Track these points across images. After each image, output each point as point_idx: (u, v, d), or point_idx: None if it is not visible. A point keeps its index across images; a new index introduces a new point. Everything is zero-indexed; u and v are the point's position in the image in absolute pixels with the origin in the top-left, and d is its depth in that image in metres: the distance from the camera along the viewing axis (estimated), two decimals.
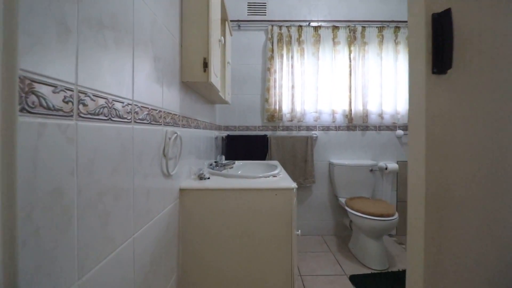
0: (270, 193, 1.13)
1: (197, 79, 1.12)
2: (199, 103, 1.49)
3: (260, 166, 1.74)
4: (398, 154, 2.56)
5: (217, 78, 1.29)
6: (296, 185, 1.16)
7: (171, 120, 0.99)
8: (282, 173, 1.42)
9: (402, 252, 2.20)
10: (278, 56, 2.43)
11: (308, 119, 2.50)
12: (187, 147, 1.21)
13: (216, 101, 1.82)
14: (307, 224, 2.53)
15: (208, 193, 1.12)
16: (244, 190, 1.12)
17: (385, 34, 2.50)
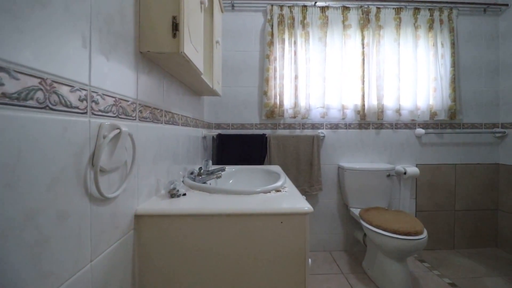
0: (273, 220, 0.76)
1: (163, 48, 0.74)
2: (176, 91, 1.11)
3: (257, 173, 1.37)
4: (417, 156, 2.20)
5: (198, 53, 0.92)
6: (310, 207, 0.78)
7: (114, 108, 0.62)
8: (288, 185, 1.05)
9: (427, 273, 1.84)
10: (278, 41, 2.06)
11: (314, 115, 2.13)
12: (151, 150, 0.83)
13: (202, 91, 1.45)
14: (312, 239, 2.16)
15: (180, 220, 0.74)
16: (235, 216, 0.75)
17: (403, 16, 2.14)
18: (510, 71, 2.14)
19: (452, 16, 2.15)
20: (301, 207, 0.78)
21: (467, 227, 2.23)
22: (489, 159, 2.23)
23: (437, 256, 2.10)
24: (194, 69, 0.93)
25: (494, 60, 2.22)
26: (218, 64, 1.50)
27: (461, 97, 2.19)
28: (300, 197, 0.89)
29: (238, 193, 0.90)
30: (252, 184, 1.26)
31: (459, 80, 2.18)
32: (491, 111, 2.23)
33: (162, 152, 0.93)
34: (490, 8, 2.17)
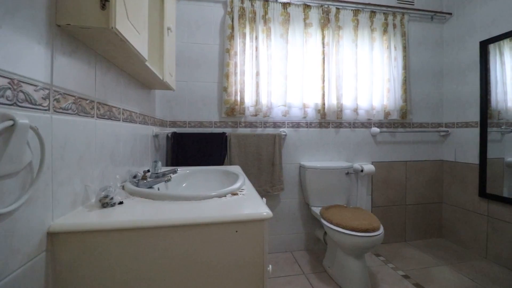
0: (227, 230, 0.66)
1: (88, 22, 0.60)
2: (116, 80, 0.95)
3: (215, 174, 1.26)
4: (373, 154, 2.29)
5: (139, 35, 0.78)
6: (269, 212, 0.70)
7: (9, 93, 0.46)
8: (247, 187, 0.96)
9: (382, 267, 1.91)
10: (239, 35, 1.96)
11: (276, 114, 2.09)
12: (75, 149, 0.68)
13: (152, 83, 1.29)
14: (274, 240, 2.11)
15: (112, 236, 0.60)
16: (181, 227, 0.63)
17: (360, 18, 2.20)
18: (452, 76, 2.34)
19: (404, 21, 2.27)
20: (259, 213, 0.69)
21: (416, 220, 2.38)
22: (435, 156, 2.41)
23: (391, 249, 2.20)
24: (135, 54, 0.78)
25: (439, 64, 2.41)
26: (171, 54, 1.35)
27: (411, 98, 2.33)
28: (259, 200, 0.81)
29: (188, 198, 0.78)
30: (208, 187, 1.15)
31: (409, 82, 2.31)
32: (437, 111, 2.41)
33: (93, 152, 0.77)
34: (437, 16, 2.35)
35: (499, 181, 1.96)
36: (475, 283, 1.71)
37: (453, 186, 2.32)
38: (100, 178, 0.81)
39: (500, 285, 1.68)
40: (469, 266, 1.92)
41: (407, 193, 2.36)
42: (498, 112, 1.97)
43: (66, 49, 0.64)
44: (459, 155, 2.26)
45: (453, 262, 1.98)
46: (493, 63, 2.00)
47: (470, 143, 2.15)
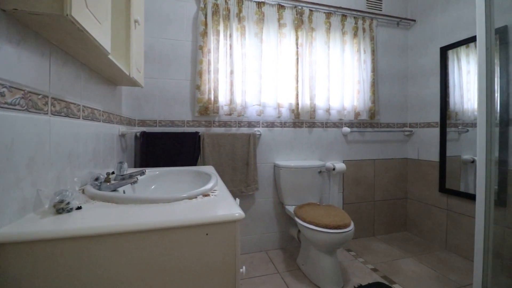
0: (197, 233, 0.64)
1: (38, 7, 0.53)
2: (75, 74, 0.87)
3: (186, 175, 1.21)
4: (344, 152, 2.37)
5: (101, 25, 0.72)
6: (241, 213, 0.68)
7: None
8: (219, 188, 0.93)
9: (353, 262, 1.98)
10: (213, 32, 1.92)
11: (250, 113, 2.07)
12: (23, 150, 0.61)
13: (118, 79, 1.21)
14: (249, 240, 2.10)
15: (67, 245, 0.55)
16: (146, 232, 0.59)
17: (332, 21, 2.26)
18: (415, 79, 2.49)
19: (372, 26, 2.37)
20: (231, 214, 0.67)
21: (384, 215, 2.51)
22: (400, 154, 2.55)
23: (361, 244, 2.30)
24: (96, 46, 0.72)
25: (404, 68, 2.55)
26: (139, 48, 1.28)
27: (379, 100, 2.44)
28: (231, 201, 0.79)
29: (155, 201, 0.74)
30: (178, 189, 1.10)
31: (377, 84, 2.42)
32: (402, 112, 2.56)
33: (47, 153, 0.70)
34: (402, 22, 2.49)
35: (456, 177, 2.12)
36: (436, 272, 1.83)
37: (416, 183, 2.48)
38: (55, 181, 0.74)
39: (458, 273, 1.81)
40: (431, 257, 2.06)
41: (375, 190, 2.48)
42: (456, 114, 2.13)
43: (14, 37, 0.57)
44: (422, 153, 2.41)
45: (417, 254, 2.10)
46: (452, 68, 2.16)
47: (431, 142, 2.30)
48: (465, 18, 2.02)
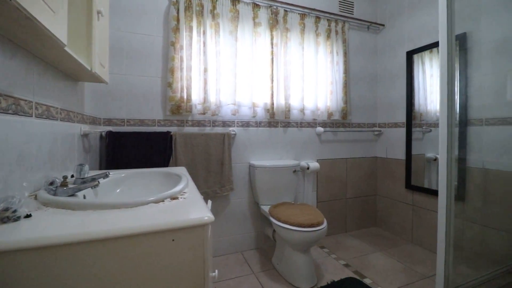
0: (163, 239, 0.60)
1: None
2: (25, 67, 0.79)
3: (155, 177, 1.15)
4: (317, 152, 2.42)
5: (54, 14, 0.65)
6: (211, 216, 0.66)
7: None
8: (190, 190, 0.89)
9: (326, 258, 2.03)
10: (186, 28, 1.86)
11: (225, 112, 2.04)
12: None
13: (79, 74, 1.12)
14: (224, 241, 2.07)
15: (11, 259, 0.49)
16: (103, 241, 0.55)
17: (306, 22, 2.29)
18: (384, 81, 2.61)
19: (344, 29, 2.44)
20: (200, 217, 0.64)
21: (355, 211, 2.60)
22: (370, 153, 2.66)
23: (334, 241, 2.36)
24: (49, 36, 0.66)
25: (374, 70, 2.66)
26: (103, 42, 1.19)
27: (350, 100, 2.52)
28: (201, 204, 0.76)
29: (117, 206, 0.68)
30: (146, 192, 1.04)
31: (349, 86, 2.50)
32: (372, 113, 2.66)
33: None
34: (372, 26, 2.59)
35: (421, 174, 2.25)
36: (404, 265, 1.93)
37: (385, 180, 2.60)
38: (0, 187, 0.66)
39: (423, 265, 1.92)
40: (399, 250, 2.16)
41: (347, 188, 2.56)
42: (420, 114, 2.26)
43: None
44: (390, 152, 2.53)
45: (385, 248, 2.20)
46: (417, 71, 2.28)
47: (398, 141, 2.42)
48: (429, 25, 2.15)
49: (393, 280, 1.73)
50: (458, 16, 1.33)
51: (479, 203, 1.81)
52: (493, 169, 1.75)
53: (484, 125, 1.80)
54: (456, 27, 1.31)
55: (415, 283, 1.70)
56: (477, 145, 1.82)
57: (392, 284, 1.69)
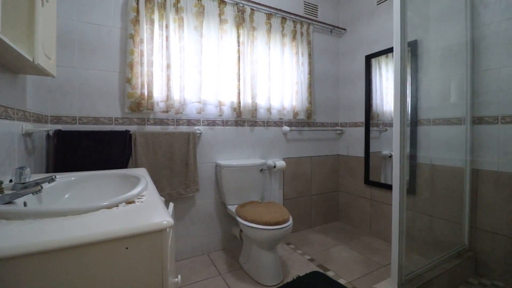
0: (115, 248, 0.55)
1: None
2: None
3: (111, 180, 1.07)
4: (284, 150, 2.46)
5: None
6: (170, 220, 0.62)
7: None
8: (149, 193, 0.84)
9: (292, 254, 2.07)
10: (146, 21, 1.75)
11: (190, 110, 1.97)
12: None
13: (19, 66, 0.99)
14: (189, 244, 2.00)
15: None
16: (44, 253, 0.48)
17: (273, 22, 2.31)
18: (345, 83, 2.74)
19: (309, 31, 2.51)
20: (157, 222, 0.60)
21: (319, 207, 2.70)
22: (333, 151, 2.78)
23: (300, 237, 2.42)
24: None
25: (336, 72, 2.78)
26: (49, 31, 1.07)
27: (315, 100, 2.61)
28: (160, 207, 0.71)
29: (64, 213, 0.61)
30: (100, 197, 0.96)
31: (314, 86, 2.58)
32: (334, 113, 2.78)
33: None
34: (335, 30, 2.70)
35: (378, 170, 2.41)
36: (363, 256, 2.05)
37: (346, 176, 2.74)
38: None
39: (380, 255, 2.06)
40: (359, 242, 2.30)
41: (312, 185, 2.64)
42: (377, 115, 2.42)
43: None
44: (351, 150, 2.67)
45: (347, 241, 2.32)
46: (374, 74, 2.43)
47: (358, 140, 2.57)
48: (385, 31, 2.30)
49: (354, 271, 1.83)
50: (410, 24, 1.44)
51: (427, 196, 1.99)
52: (438, 165, 1.94)
53: (431, 125, 1.98)
54: (408, 35, 1.42)
55: (373, 272, 1.81)
56: (426, 143, 2.00)
57: (353, 274, 1.79)
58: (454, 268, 1.62)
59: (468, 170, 1.79)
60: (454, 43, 1.86)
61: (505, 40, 1.63)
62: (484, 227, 1.73)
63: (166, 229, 0.61)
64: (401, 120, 1.38)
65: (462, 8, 1.80)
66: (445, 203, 1.92)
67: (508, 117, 1.62)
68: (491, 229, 1.70)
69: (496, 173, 1.67)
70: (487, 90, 1.72)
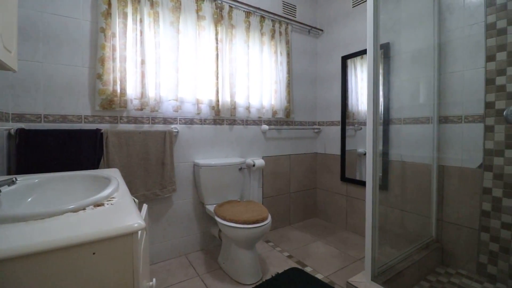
0: (81, 253, 0.52)
1: None
2: None
3: (79, 182, 1.01)
4: (263, 149, 2.47)
5: None
6: (141, 223, 0.60)
7: None
8: (120, 194, 0.80)
9: (271, 252, 2.09)
10: (119, 14, 1.67)
11: (166, 108, 1.92)
12: None
13: None
14: (166, 246, 1.96)
15: None
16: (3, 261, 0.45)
17: (252, 21, 2.31)
18: (322, 83, 2.80)
19: (288, 31, 2.53)
20: (127, 225, 0.58)
21: (298, 205, 2.75)
22: (310, 150, 2.84)
23: (279, 234, 2.45)
24: None
25: (314, 72, 2.83)
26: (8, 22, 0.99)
27: (293, 99, 2.64)
28: (131, 209, 0.68)
29: (24, 218, 0.57)
30: (67, 200, 0.90)
31: (292, 85, 2.61)
32: (312, 112, 2.84)
33: None
34: (313, 30, 2.75)
35: (353, 167, 2.49)
36: (339, 250, 2.11)
37: (323, 174, 2.80)
38: None
39: (356, 249, 2.14)
40: (335, 237, 2.36)
41: (291, 183, 2.68)
42: (353, 114, 2.49)
43: None
44: (328, 148, 2.74)
45: (324, 237, 2.38)
46: (350, 75, 2.51)
47: (335, 138, 2.64)
48: (360, 33, 2.38)
49: (330, 266, 1.88)
50: (382, 27, 1.49)
51: (399, 191, 2.09)
52: (409, 162, 2.04)
53: (402, 124, 2.09)
54: (381, 37, 1.48)
55: (348, 266, 1.88)
56: (397, 141, 2.10)
57: (330, 269, 1.84)
58: (423, 259, 1.72)
59: (435, 167, 1.90)
60: (423, 47, 1.97)
61: (468, 44, 1.74)
62: (449, 220, 1.85)
63: (137, 232, 0.58)
64: (374, 120, 1.44)
65: (430, 14, 1.90)
66: (415, 197, 2.03)
67: (471, 117, 1.74)
68: (456, 222, 1.82)
69: (460, 169, 1.79)
70: (452, 91, 1.83)
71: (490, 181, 1.66)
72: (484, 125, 1.68)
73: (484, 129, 1.68)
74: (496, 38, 1.62)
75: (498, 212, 1.63)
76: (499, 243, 1.63)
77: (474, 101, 1.72)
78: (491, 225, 1.66)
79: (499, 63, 1.62)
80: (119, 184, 0.89)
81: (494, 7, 1.63)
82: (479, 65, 1.69)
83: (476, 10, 1.70)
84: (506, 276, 1.60)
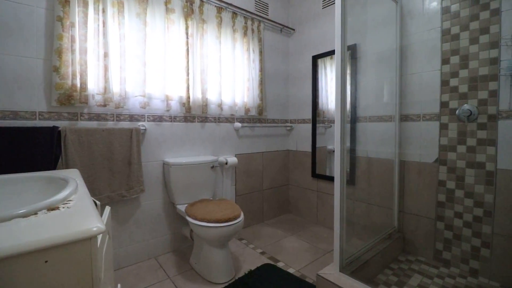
0: (31, 262, 0.47)
1: None
2: None
3: (32, 184, 0.92)
4: (236, 146, 2.46)
5: None
6: (101, 226, 0.56)
7: None
8: (78, 197, 0.74)
9: (244, 249, 2.10)
10: (79, 3, 1.55)
11: (132, 105, 1.82)
12: None
13: None
14: (134, 249, 1.87)
15: None
16: None
17: (223, 17, 2.27)
18: (294, 81, 2.85)
19: (260, 28, 2.53)
20: (84, 230, 0.54)
21: (271, 201, 2.78)
22: (283, 147, 2.88)
23: (252, 231, 2.46)
24: None
25: (286, 70, 2.87)
26: None
27: (266, 97, 2.66)
28: (90, 212, 0.64)
29: None
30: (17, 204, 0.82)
31: (265, 83, 2.63)
32: (284, 110, 2.88)
33: None
34: (285, 29, 2.78)
35: (323, 163, 2.58)
36: (310, 244, 2.18)
37: (295, 170, 2.87)
38: None
39: (325, 242, 2.22)
40: (307, 232, 2.43)
41: (263, 180, 2.70)
42: (323, 112, 2.57)
43: None
44: (299, 145, 2.81)
45: (296, 232, 2.44)
46: (320, 74, 2.58)
47: (306, 135, 2.71)
48: (330, 34, 2.45)
49: (302, 260, 1.93)
50: (350, 29, 1.55)
51: (365, 185, 2.20)
52: (373, 157, 2.16)
53: (368, 122, 2.19)
54: (348, 39, 1.53)
55: (319, 259, 1.94)
56: (363, 138, 2.20)
57: (301, 263, 1.89)
58: (386, 248, 1.83)
59: (397, 162, 2.03)
60: (387, 49, 2.08)
61: (426, 48, 1.87)
62: (409, 211, 1.99)
63: (96, 236, 0.55)
64: (341, 118, 1.49)
65: (393, 18, 2.02)
66: (379, 191, 2.16)
67: (428, 115, 1.88)
68: (415, 212, 1.96)
69: (418, 164, 1.94)
70: (412, 91, 1.96)
71: (445, 174, 1.82)
72: (439, 123, 1.83)
73: (440, 126, 1.83)
74: (450, 43, 1.77)
75: (452, 202, 1.79)
76: (452, 231, 1.79)
77: (431, 100, 1.86)
78: (446, 215, 1.82)
79: (452, 66, 1.76)
80: (78, 186, 0.83)
81: (449, 14, 1.77)
82: (436, 67, 1.83)
83: (434, 16, 1.83)
84: (459, 260, 1.77)
